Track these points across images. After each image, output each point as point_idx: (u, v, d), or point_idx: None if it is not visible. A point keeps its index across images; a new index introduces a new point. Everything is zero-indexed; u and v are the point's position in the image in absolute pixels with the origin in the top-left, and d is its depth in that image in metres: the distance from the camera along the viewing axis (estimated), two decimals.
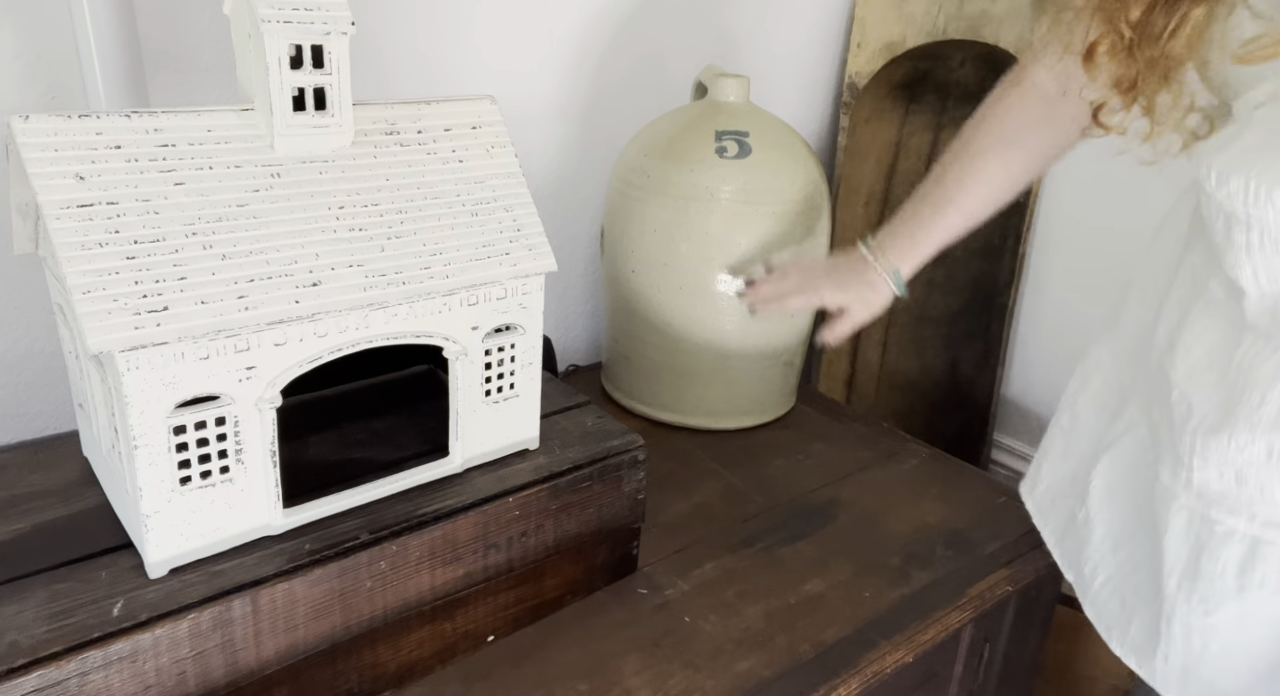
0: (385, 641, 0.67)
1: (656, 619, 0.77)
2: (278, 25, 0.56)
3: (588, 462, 0.75)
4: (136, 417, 0.54)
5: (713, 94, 1.05)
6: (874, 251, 0.85)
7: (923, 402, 1.52)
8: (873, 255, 0.84)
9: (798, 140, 1.06)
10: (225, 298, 0.55)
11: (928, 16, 1.31)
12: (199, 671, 0.58)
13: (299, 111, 0.59)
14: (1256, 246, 0.51)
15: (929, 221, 0.81)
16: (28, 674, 0.51)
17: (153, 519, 0.57)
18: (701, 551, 0.85)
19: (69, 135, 0.53)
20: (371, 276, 0.61)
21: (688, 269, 1.00)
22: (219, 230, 0.56)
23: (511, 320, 0.70)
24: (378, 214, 0.63)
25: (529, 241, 0.69)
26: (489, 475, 0.72)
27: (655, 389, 1.08)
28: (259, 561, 0.60)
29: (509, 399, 0.72)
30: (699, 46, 1.24)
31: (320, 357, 0.60)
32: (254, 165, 0.59)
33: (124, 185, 0.54)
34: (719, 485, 0.97)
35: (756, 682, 0.70)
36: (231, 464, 0.59)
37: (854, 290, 0.85)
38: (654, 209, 1.00)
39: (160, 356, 0.53)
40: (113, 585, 0.57)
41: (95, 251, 0.52)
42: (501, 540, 0.71)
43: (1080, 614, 0.71)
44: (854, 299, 0.85)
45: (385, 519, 0.65)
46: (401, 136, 0.66)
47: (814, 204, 1.03)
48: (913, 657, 0.76)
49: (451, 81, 1.03)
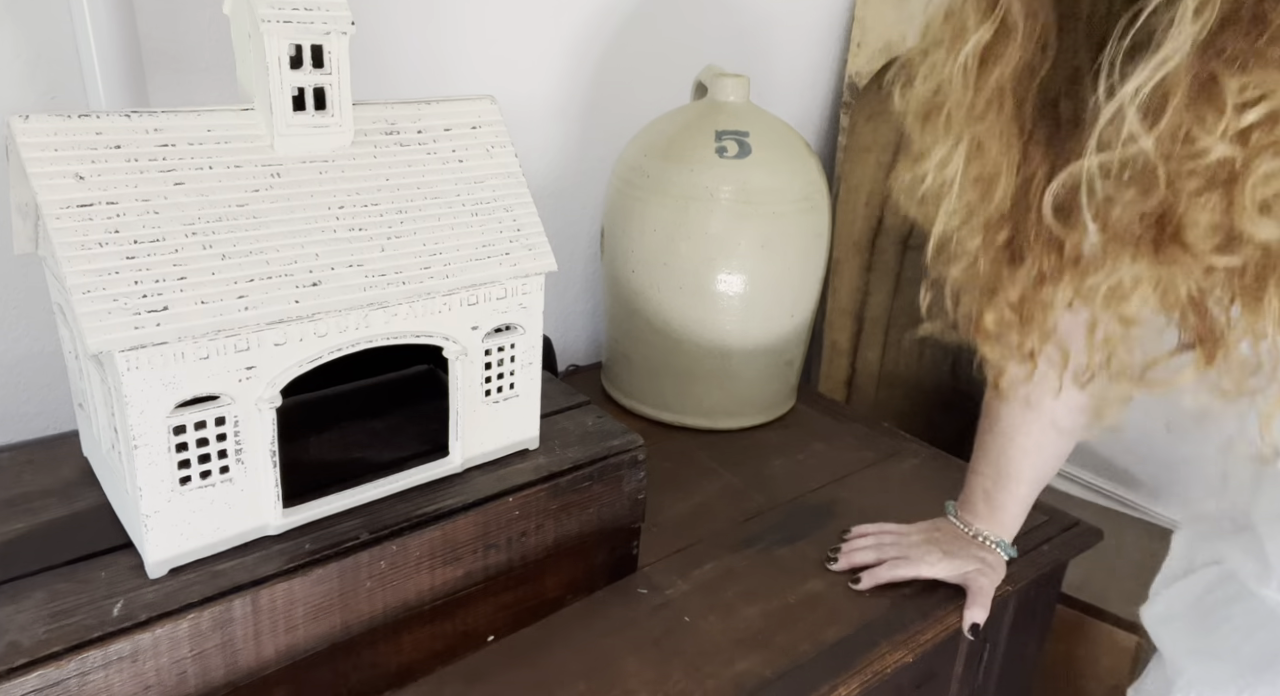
0: (385, 641, 0.67)
1: (656, 619, 0.76)
2: (278, 25, 0.56)
3: (588, 462, 0.75)
4: (136, 417, 0.54)
5: (713, 94, 1.05)
6: (965, 522, 0.83)
7: (923, 403, 1.52)
8: (968, 527, 0.83)
9: (798, 140, 1.06)
10: (225, 297, 0.55)
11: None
12: (199, 671, 0.58)
13: (299, 111, 0.59)
14: None
15: (996, 497, 0.81)
16: (28, 674, 0.51)
17: (153, 519, 0.57)
18: (701, 551, 0.85)
19: (69, 135, 0.53)
20: (371, 276, 0.61)
21: (688, 269, 1.00)
22: (219, 230, 0.56)
23: (511, 320, 0.70)
24: (378, 214, 0.63)
25: (529, 241, 0.69)
26: (489, 475, 0.72)
27: (655, 389, 1.08)
28: (259, 561, 0.60)
29: (509, 399, 0.72)
30: (699, 46, 1.24)
31: (320, 357, 0.60)
32: (254, 165, 0.59)
33: (124, 185, 0.54)
34: (719, 485, 0.97)
35: (756, 682, 0.70)
36: (231, 464, 0.59)
37: (966, 560, 0.81)
38: (654, 209, 1.00)
39: (160, 356, 0.53)
40: (113, 585, 0.57)
41: (95, 251, 0.52)
42: (501, 540, 0.71)
43: (1080, 613, 0.71)
44: (972, 570, 0.80)
45: (385, 519, 0.65)
46: (401, 136, 0.66)
47: (814, 204, 1.03)
48: (913, 657, 0.75)
49: (451, 81, 1.03)
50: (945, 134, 0.54)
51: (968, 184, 0.54)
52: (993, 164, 0.52)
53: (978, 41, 0.49)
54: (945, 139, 0.54)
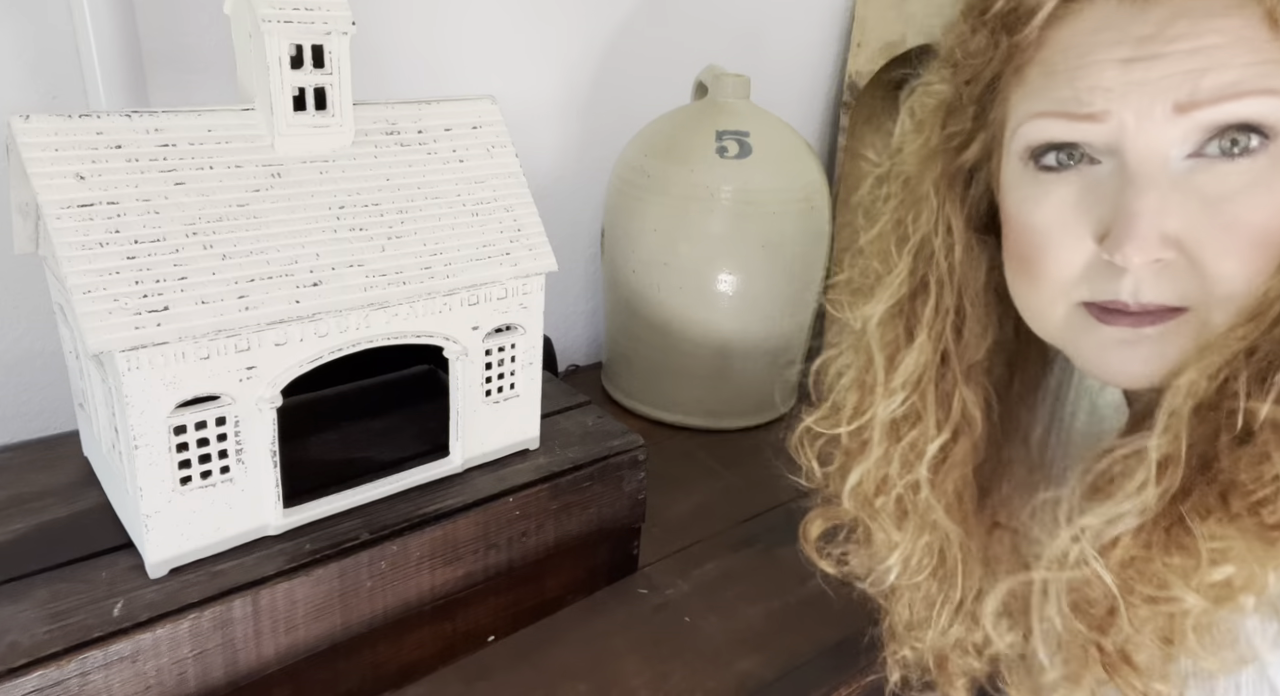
0: (385, 641, 0.67)
1: (656, 619, 0.76)
2: (278, 25, 0.56)
3: (588, 462, 0.75)
4: (137, 417, 0.54)
5: (713, 94, 1.05)
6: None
7: None
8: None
9: (798, 140, 1.06)
10: (226, 297, 0.55)
11: (928, 16, 1.31)
12: (199, 671, 0.58)
13: (299, 111, 0.59)
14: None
15: None
16: (28, 674, 0.51)
17: (153, 519, 0.57)
18: (701, 551, 0.85)
19: (69, 135, 0.53)
20: (372, 276, 0.61)
21: (688, 269, 1.00)
22: (219, 230, 0.56)
23: (512, 320, 0.70)
24: (378, 214, 0.63)
25: (529, 241, 0.69)
26: (489, 475, 0.72)
27: (655, 389, 1.08)
28: (259, 561, 0.60)
29: (509, 399, 0.72)
30: (699, 46, 1.24)
31: (321, 357, 0.60)
32: (254, 165, 0.59)
33: (124, 185, 0.54)
34: (719, 485, 0.97)
35: (756, 682, 0.70)
36: (232, 464, 0.59)
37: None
38: (654, 209, 1.00)
39: (160, 356, 0.53)
40: (113, 585, 0.57)
41: (96, 251, 0.52)
42: (502, 540, 0.71)
43: None
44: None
45: (385, 519, 0.65)
46: (402, 136, 0.66)
47: (814, 204, 1.03)
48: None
49: (451, 81, 1.03)
50: (900, 528, 0.54)
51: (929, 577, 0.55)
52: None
53: (936, 447, 0.50)
54: (904, 533, 0.54)
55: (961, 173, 0.50)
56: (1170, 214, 0.39)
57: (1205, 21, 0.38)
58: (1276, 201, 0.38)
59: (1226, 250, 0.39)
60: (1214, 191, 0.39)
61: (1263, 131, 0.38)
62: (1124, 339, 0.42)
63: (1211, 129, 0.39)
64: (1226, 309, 0.39)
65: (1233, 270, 0.39)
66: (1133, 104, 0.39)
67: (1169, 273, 0.40)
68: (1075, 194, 0.42)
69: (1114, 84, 0.40)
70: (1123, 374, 0.43)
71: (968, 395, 0.50)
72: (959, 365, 0.50)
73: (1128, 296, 0.41)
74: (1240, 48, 0.38)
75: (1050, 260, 0.43)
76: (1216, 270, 0.39)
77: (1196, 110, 0.38)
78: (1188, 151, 0.39)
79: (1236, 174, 0.39)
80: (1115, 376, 0.44)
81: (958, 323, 0.50)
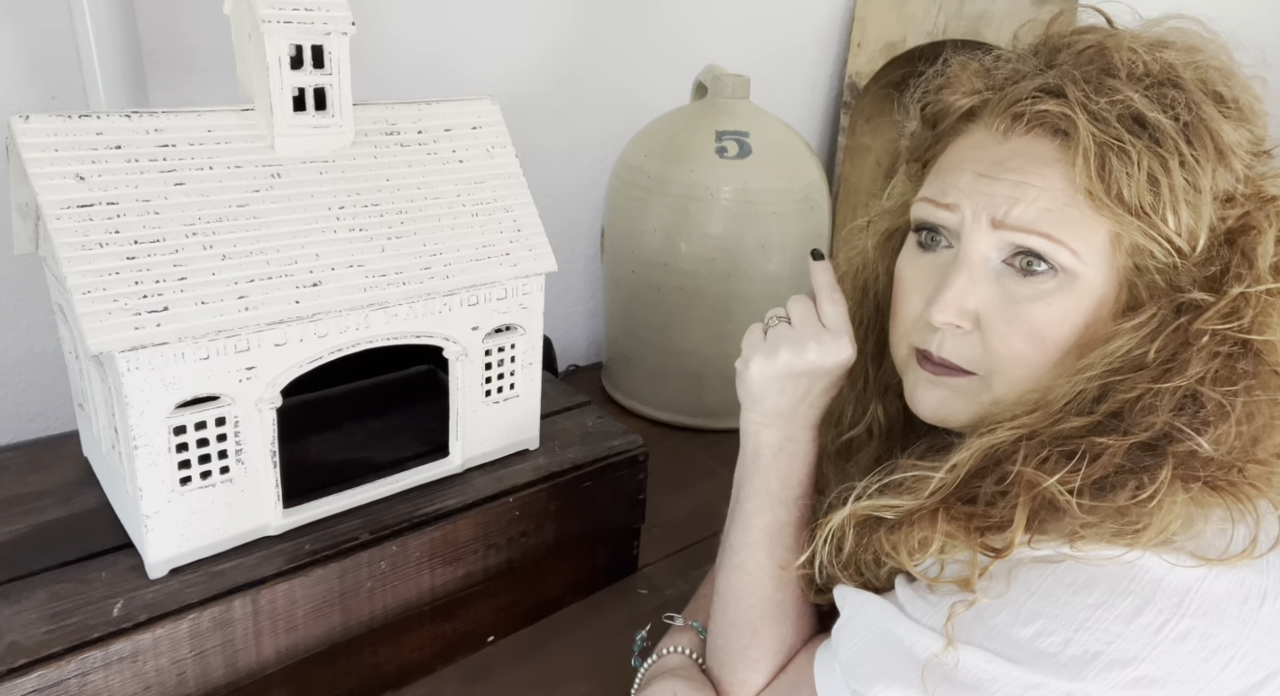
0: (385, 641, 0.67)
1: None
2: (278, 25, 0.56)
3: (588, 463, 0.75)
4: (137, 418, 0.54)
5: (713, 94, 1.05)
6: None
7: None
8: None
9: (798, 140, 1.06)
10: (225, 298, 0.55)
11: (928, 16, 1.31)
12: (199, 671, 0.58)
13: (299, 111, 0.59)
14: None
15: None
16: (28, 674, 0.51)
17: (153, 519, 0.57)
18: (701, 551, 0.85)
19: (69, 135, 0.53)
20: (372, 277, 0.61)
21: (688, 269, 1.00)
22: (219, 230, 0.56)
23: (511, 320, 0.70)
24: (378, 214, 0.63)
25: (529, 241, 0.69)
26: (489, 475, 0.72)
27: (655, 389, 1.08)
28: (259, 561, 0.60)
29: (509, 399, 0.72)
30: (699, 46, 1.24)
31: (320, 358, 0.60)
32: (254, 165, 0.59)
33: (124, 185, 0.54)
34: (719, 485, 0.96)
35: None
36: (232, 464, 0.59)
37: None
38: (654, 209, 1.00)
39: (160, 356, 0.53)
40: (113, 585, 0.57)
41: (95, 251, 0.52)
42: (501, 540, 0.71)
43: None
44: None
45: (385, 519, 0.65)
46: (402, 137, 0.66)
47: (814, 204, 1.03)
48: None
49: (451, 81, 1.03)
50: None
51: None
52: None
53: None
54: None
55: (899, 233, 0.61)
56: (973, 295, 0.51)
57: (1033, 166, 0.49)
58: (1054, 314, 0.49)
59: (1008, 337, 0.50)
60: (1012, 293, 0.50)
61: (1047, 261, 0.49)
62: (929, 380, 0.54)
63: (1013, 247, 0.50)
64: (1004, 381, 0.51)
65: (1011, 353, 0.50)
66: (971, 207, 0.51)
67: (966, 340, 0.52)
68: (929, 265, 0.54)
69: (966, 187, 0.51)
70: (923, 406, 0.55)
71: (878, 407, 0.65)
72: (875, 386, 0.65)
73: (934, 348, 0.53)
74: (1046, 196, 0.49)
75: (903, 309, 0.56)
76: (998, 349, 0.51)
77: (1003, 229, 0.50)
78: (1003, 257, 0.51)
79: (1029, 286, 0.50)
80: (918, 407, 0.56)
81: (878, 353, 0.64)
